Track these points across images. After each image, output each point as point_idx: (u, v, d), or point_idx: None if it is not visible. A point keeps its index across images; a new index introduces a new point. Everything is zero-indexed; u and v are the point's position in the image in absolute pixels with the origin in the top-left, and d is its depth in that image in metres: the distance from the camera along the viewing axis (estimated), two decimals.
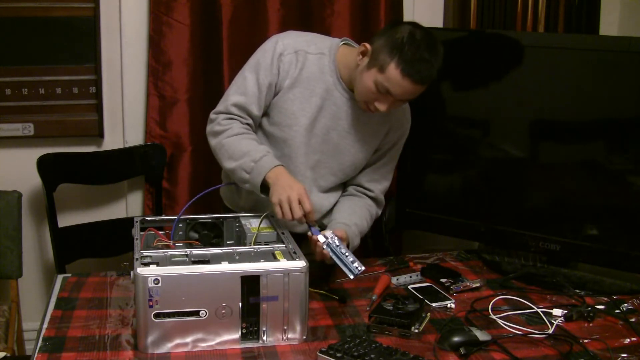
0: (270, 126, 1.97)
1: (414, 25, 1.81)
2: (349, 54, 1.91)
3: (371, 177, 2.08)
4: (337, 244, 1.75)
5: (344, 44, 1.98)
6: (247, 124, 1.95)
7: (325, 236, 1.76)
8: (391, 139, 2.04)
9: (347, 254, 1.74)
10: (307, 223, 1.78)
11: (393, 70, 1.76)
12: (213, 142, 1.95)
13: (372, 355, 1.50)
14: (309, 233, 1.79)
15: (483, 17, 2.75)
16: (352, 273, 1.72)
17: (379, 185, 2.09)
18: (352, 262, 1.72)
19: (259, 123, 1.99)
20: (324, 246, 1.75)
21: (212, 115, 1.98)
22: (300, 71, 1.92)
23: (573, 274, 2.09)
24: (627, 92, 1.95)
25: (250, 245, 1.74)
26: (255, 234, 1.78)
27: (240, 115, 1.94)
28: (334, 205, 2.06)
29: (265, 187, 1.84)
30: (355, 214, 2.01)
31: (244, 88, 1.93)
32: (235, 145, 1.89)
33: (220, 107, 1.97)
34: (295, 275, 1.58)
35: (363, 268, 1.73)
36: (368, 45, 1.84)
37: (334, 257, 1.74)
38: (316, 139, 1.96)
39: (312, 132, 1.95)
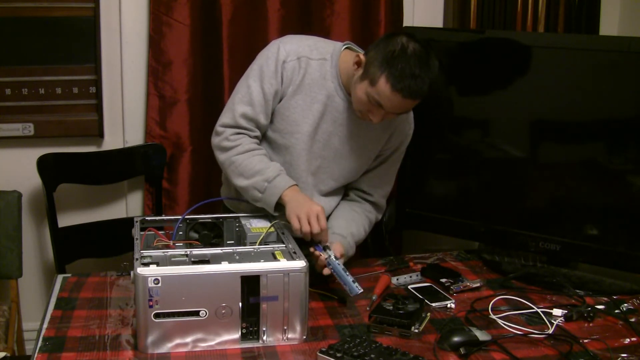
0: (272, 133, 1.96)
1: (409, 37, 1.77)
2: (351, 60, 1.88)
3: (372, 182, 2.07)
4: (338, 263, 1.79)
5: (346, 48, 1.96)
6: (256, 137, 1.94)
7: (328, 254, 1.79)
8: (393, 145, 2.04)
9: (347, 273, 1.78)
10: (318, 241, 1.79)
11: (383, 85, 1.74)
12: (222, 157, 1.93)
13: (372, 355, 1.50)
14: (312, 248, 1.81)
15: (483, 17, 2.75)
16: (353, 291, 1.76)
17: (380, 190, 2.09)
18: (353, 282, 1.77)
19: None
20: (327, 263, 1.79)
21: (219, 128, 1.94)
22: (302, 78, 1.90)
23: (573, 274, 2.09)
24: (627, 92, 1.95)
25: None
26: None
27: (248, 127, 1.92)
28: (335, 207, 2.07)
29: (277, 205, 1.85)
30: (353, 222, 2.01)
31: (250, 97, 1.90)
32: (247, 163, 1.88)
33: (226, 119, 1.93)
34: (295, 275, 1.58)
35: (362, 290, 1.77)
36: (362, 56, 1.82)
37: (336, 274, 1.79)
38: (318, 144, 1.95)
39: (314, 138, 1.94)
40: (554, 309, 1.81)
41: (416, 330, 1.68)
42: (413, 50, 1.74)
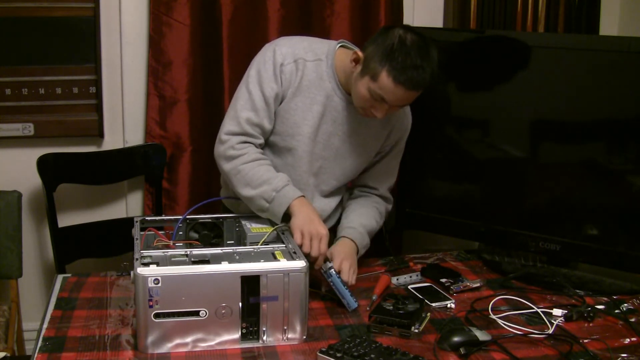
0: (273, 136, 1.95)
1: (405, 29, 1.77)
2: (346, 58, 1.88)
3: (376, 176, 2.08)
4: (338, 276, 1.81)
5: (341, 46, 1.95)
6: (260, 146, 1.93)
7: (327, 266, 1.81)
8: (393, 140, 2.04)
9: (345, 287, 1.81)
10: (312, 261, 1.79)
11: (385, 79, 1.74)
12: (227, 166, 1.90)
13: (372, 355, 1.50)
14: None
15: (483, 17, 2.75)
16: (350, 306, 1.80)
17: (384, 183, 2.10)
18: (351, 296, 1.81)
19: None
20: (326, 276, 1.81)
21: (223, 136, 1.91)
22: (300, 80, 1.90)
23: (573, 274, 2.09)
24: (627, 92, 1.95)
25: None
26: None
27: (254, 134, 1.90)
28: (335, 208, 2.07)
29: (284, 215, 1.85)
30: (362, 215, 2.02)
31: (252, 103, 1.89)
32: (254, 172, 1.86)
33: (231, 126, 1.90)
34: (295, 275, 1.58)
35: (357, 304, 1.82)
36: (360, 53, 1.82)
37: (334, 287, 1.81)
38: (319, 145, 1.95)
39: (315, 139, 1.94)
40: (554, 309, 1.82)
41: (416, 330, 1.68)
42: (412, 41, 1.74)
